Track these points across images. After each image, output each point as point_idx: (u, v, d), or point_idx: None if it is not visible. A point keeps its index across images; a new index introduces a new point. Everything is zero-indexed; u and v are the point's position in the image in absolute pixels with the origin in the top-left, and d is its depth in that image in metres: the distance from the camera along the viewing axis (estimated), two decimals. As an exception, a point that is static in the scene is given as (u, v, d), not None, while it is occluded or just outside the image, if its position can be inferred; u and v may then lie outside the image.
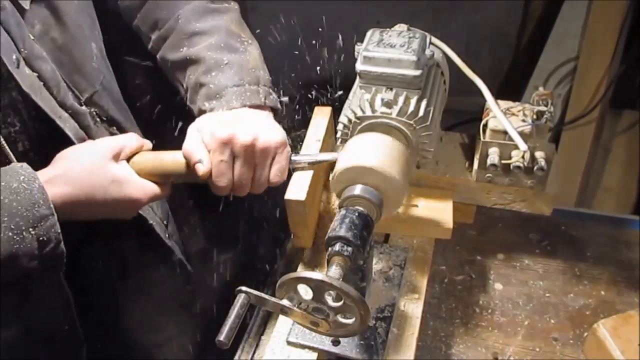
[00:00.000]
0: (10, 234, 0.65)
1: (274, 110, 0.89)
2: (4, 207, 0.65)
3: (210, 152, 0.80)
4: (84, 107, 0.84)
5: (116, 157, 0.79)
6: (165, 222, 1.03)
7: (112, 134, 0.90)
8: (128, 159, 0.81)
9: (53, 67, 0.78)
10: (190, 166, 0.80)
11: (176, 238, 1.08)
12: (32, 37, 0.75)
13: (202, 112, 0.86)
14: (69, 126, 0.79)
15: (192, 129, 0.83)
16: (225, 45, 0.89)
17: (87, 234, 0.88)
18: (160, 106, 0.97)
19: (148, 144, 0.85)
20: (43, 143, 0.78)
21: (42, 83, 0.76)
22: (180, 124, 0.94)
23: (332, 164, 0.94)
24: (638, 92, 1.79)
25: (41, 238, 0.67)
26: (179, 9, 0.91)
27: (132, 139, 0.83)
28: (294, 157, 0.85)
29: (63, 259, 0.72)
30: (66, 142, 0.79)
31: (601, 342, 0.93)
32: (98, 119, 0.88)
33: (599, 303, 1.07)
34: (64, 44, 0.81)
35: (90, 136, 0.84)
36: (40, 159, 0.76)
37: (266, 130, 0.82)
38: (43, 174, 0.72)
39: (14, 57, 0.71)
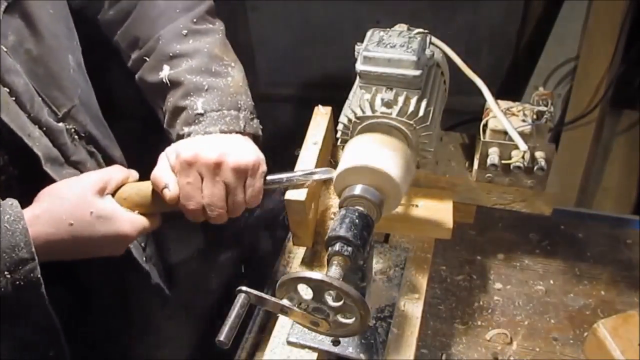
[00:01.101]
0: None
1: (255, 137, 0.86)
2: None
3: (177, 175, 0.77)
4: (60, 124, 0.80)
5: (101, 192, 0.75)
6: (143, 244, 1.00)
7: (89, 152, 0.87)
8: (114, 193, 0.78)
9: (26, 81, 0.74)
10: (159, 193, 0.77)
11: (154, 260, 1.05)
12: (5, 49, 0.72)
13: (179, 137, 0.82)
14: (38, 145, 0.75)
15: (161, 156, 0.80)
16: (206, 69, 0.85)
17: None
18: (141, 122, 0.95)
19: (134, 174, 0.83)
20: (12, 160, 0.74)
21: (13, 98, 0.72)
22: (162, 140, 0.90)
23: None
24: (638, 92, 1.79)
25: (17, 282, 0.65)
26: (160, 29, 0.87)
27: (117, 172, 0.80)
28: (269, 177, 0.82)
29: (44, 301, 0.70)
30: (36, 160, 0.75)
31: (601, 342, 0.93)
32: (76, 136, 0.84)
33: (599, 303, 1.07)
34: (40, 56, 0.77)
35: (65, 154, 0.81)
36: (8, 175, 0.74)
37: (236, 150, 0.78)
38: (26, 213, 0.68)
39: None
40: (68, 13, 0.86)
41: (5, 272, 0.64)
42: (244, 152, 0.79)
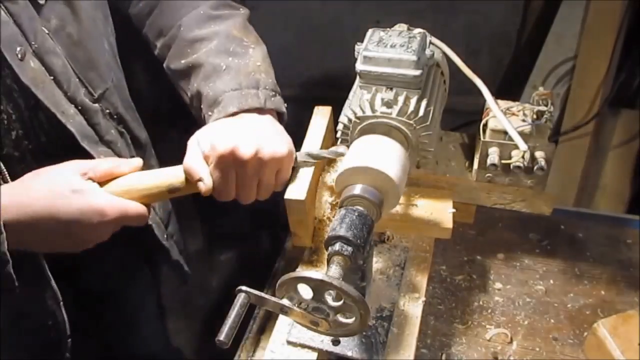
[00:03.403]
0: None
1: (279, 114, 0.87)
2: None
3: (210, 167, 0.77)
4: (95, 105, 0.84)
5: (83, 176, 0.74)
6: (165, 222, 1.02)
7: (119, 132, 0.90)
8: (102, 183, 0.76)
9: (65, 62, 0.78)
10: (191, 182, 0.77)
11: (176, 238, 1.08)
12: (47, 32, 0.76)
13: (204, 120, 0.85)
14: (72, 122, 0.79)
15: (192, 142, 0.80)
16: (224, 50, 0.86)
17: None
18: (168, 108, 0.97)
19: (133, 162, 0.79)
20: (42, 134, 0.78)
21: (51, 77, 0.76)
22: (188, 126, 0.91)
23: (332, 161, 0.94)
24: (637, 92, 1.79)
25: None
26: (182, 17, 0.90)
27: (106, 161, 0.78)
28: (298, 157, 0.85)
29: (12, 280, 0.69)
30: (70, 136, 0.79)
31: (601, 342, 0.93)
32: (108, 117, 0.88)
33: (599, 303, 1.07)
34: (80, 40, 0.81)
35: (99, 133, 0.84)
36: (37, 149, 0.78)
37: (270, 140, 0.79)
38: (5, 195, 0.68)
39: (18, 49, 0.71)
40: (105, 0, 0.90)
41: None
42: (278, 143, 0.80)
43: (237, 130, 0.78)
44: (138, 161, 0.80)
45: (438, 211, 0.91)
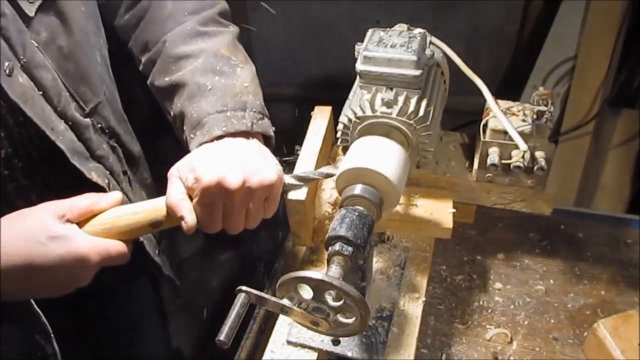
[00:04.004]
0: None
1: (265, 138, 0.83)
2: None
3: (194, 201, 0.72)
4: (86, 119, 0.81)
5: (61, 218, 0.68)
6: (157, 237, 0.98)
7: (111, 146, 0.87)
8: (81, 222, 0.71)
9: (55, 76, 0.75)
10: (173, 218, 0.72)
11: (169, 253, 1.04)
12: (37, 45, 0.73)
13: (186, 142, 0.81)
14: (62, 139, 0.75)
15: (172, 175, 0.75)
16: (211, 68, 0.82)
17: None
18: (162, 119, 0.94)
19: (112, 197, 0.74)
20: (33, 152, 0.75)
21: (41, 92, 0.72)
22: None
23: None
24: (637, 92, 1.79)
25: None
26: (167, 32, 0.86)
27: (83, 198, 0.72)
28: (287, 181, 0.79)
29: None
30: (60, 153, 0.75)
31: (601, 342, 0.93)
32: (100, 131, 0.84)
33: (599, 303, 1.07)
34: (71, 53, 0.78)
35: (90, 149, 0.81)
36: (27, 166, 0.75)
37: (258, 167, 0.74)
38: None
39: (7, 64, 0.68)
40: (97, 10, 0.86)
41: None
42: (266, 169, 0.75)
43: (222, 159, 0.74)
44: (117, 195, 0.75)
45: (438, 211, 0.91)
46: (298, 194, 0.83)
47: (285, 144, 0.92)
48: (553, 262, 1.15)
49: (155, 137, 1.12)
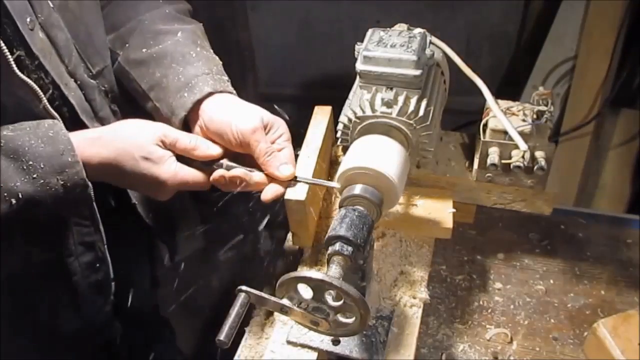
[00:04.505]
0: (35, 176, 0.70)
1: None
2: (32, 150, 0.70)
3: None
4: (93, 81, 0.87)
5: (162, 143, 0.78)
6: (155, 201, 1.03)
7: (112, 110, 0.92)
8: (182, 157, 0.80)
9: (68, 37, 0.81)
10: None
11: (162, 218, 1.07)
12: (52, 6, 0.79)
13: (170, 107, 0.85)
14: (73, 95, 0.82)
15: (256, 130, 0.80)
16: (192, 41, 0.90)
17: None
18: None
19: (213, 150, 0.81)
20: (57, 108, 0.80)
21: (55, 51, 0.79)
22: None
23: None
24: (637, 91, 1.79)
25: (67, 184, 0.71)
26: (144, 13, 0.93)
27: (190, 138, 0.80)
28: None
29: (92, 199, 0.76)
30: (71, 109, 0.81)
31: (601, 342, 0.93)
32: (104, 94, 0.90)
33: (599, 302, 1.07)
34: (81, 17, 0.84)
35: (95, 109, 0.87)
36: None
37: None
38: (95, 131, 0.79)
39: (29, 19, 0.74)
40: None
41: (56, 175, 0.70)
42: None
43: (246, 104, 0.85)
44: (217, 150, 0.81)
45: (438, 211, 0.91)
46: (298, 194, 0.83)
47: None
48: (553, 262, 1.15)
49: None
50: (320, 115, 0.98)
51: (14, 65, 0.71)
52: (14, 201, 0.69)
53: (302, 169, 0.87)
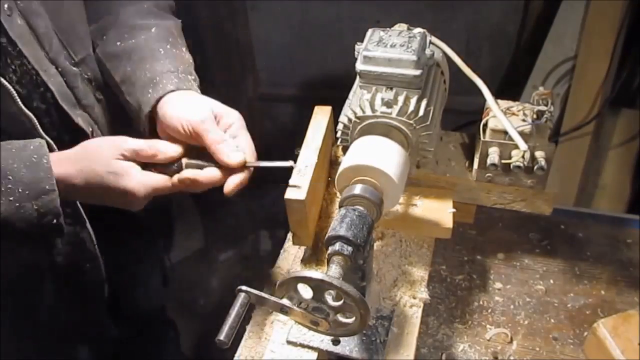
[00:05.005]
0: (12, 198, 0.71)
1: None
2: (13, 174, 0.71)
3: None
4: (75, 69, 0.88)
5: (124, 156, 0.78)
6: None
7: (97, 98, 0.93)
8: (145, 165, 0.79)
9: (48, 25, 0.82)
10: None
11: (158, 214, 1.09)
12: None
13: (138, 102, 0.86)
14: (53, 81, 0.82)
15: (206, 120, 0.80)
16: (163, 38, 0.91)
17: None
18: None
19: (172, 151, 0.81)
20: (29, 92, 0.81)
21: (34, 37, 0.80)
22: None
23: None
24: (637, 91, 1.79)
25: (41, 210, 0.73)
26: (122, 7, 0.94)
27: (150, 147, 0.80)
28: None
29: (62, 230, 0.77)
30: (51, 95, 0.82)
31: (601, 342, 0.93)
32: (87, 82, 0.91)
33: (599, 302, 1.07)
34: (62, 4, 0.86)
35: (77, 96, 0.88)
36: (37, 112, 0.81)
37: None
38: (64, 153, 0.79)
39: (6, 6, 0.75)
40: None
41: (32, 201, 0.72)
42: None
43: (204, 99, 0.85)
44: (177, 150, 0.81)
45: (438, 211, 0.91)
46: (298, 194, 0.83)
47: (285, 144, 0.92)
48: (553, 262, 1.15)
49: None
50: (320, 115, 0.98)
51: None
52: None
53: (301, 169, 0.87)
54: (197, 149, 0.81)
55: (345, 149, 0.81)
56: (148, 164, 0.80)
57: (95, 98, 0.93)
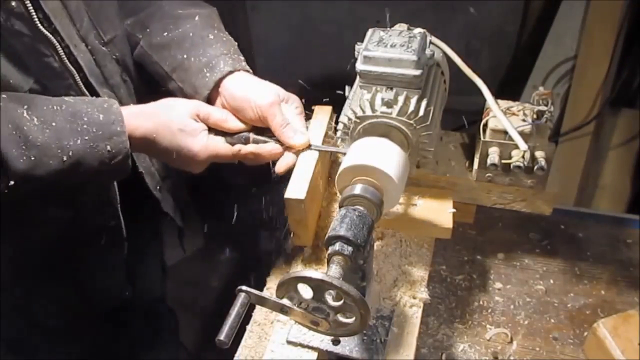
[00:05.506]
0: (87, 138, 0.76)
1: None
2: (88, 116, 0.77)
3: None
4: (104, 48, 0.92)
5: (196, 117, 0.85)
6: (162, 175, 1.08)
7: (123, 79, 0.97)
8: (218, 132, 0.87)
9: (80, 4, 0.87)
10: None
11: (172, 192, 1.13)
12: None
13: (193, 87, 0.91)
14: (82, 57, 0.87)
15: (273, 104, 0.86)
16: (209, 24, 0.96)
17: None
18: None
19: (238, 124, 0.87)
20: (60, 63, 0.84)
21: (66, 13, 0.84)
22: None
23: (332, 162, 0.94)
24: (637, 91, 1.79)
25: (113, 150, 0.78)
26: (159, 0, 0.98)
27: (221, 112, 0.87)
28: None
29: (129, 169, 0.82)
30: (80, 70, 0.86)
31: (601, 342, 0.93)
32: (115, 62, 0.94)
33: (599, 302, 1.07)
34: None
35: (104, 75, 0.92)
36: (67, 84, 0.85)
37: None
38: (138, 107, 0.85)
39: None
40: None
41: (105, 140, 0.78)
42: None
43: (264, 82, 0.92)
44: (241, 125, 0.88)
45: (438, 211, 0.91)
46: (297, 193, 0.83)
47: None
48: (553, 262, 1.15)
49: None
50: (321, 115, 0.98)
51: (37, 21, 0.77)
52: (65, 158, 0.75)
53: (301, 169, 0.87)
54: (257, 129, 0.88)
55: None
56: (217, 131, 0.87)
57: (121, 79, 0.97)
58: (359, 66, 0.77)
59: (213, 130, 0.87)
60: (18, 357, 1.06)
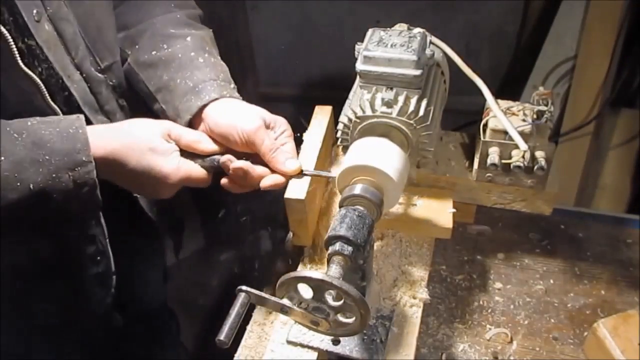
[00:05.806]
0: (50, 169, 0.71)
1: None
2: (50, 144, 0.71)
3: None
4: (101, 75, 0.89)
5: (168, 137, 0.80)
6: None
7: (120, 105, 0.94)
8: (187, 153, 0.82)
9: (76, 31, 0.83)
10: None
11: (166, 213, 1.10)
12: (64, 0, 0.81)
13: (176, 110, 0.87)
14: (76, 87, 0.83)
15: (259, 129, 0.82)
16: (200, 47, 0.92)
17: None
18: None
19: (212, 146, 0.84)
20: (53, 94, 0.81)
21: (62, 43, 0.81)
22: None
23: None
24: (637, 91, 1.79)
25: (78, 181, 0.72)
26: (156, 16, 0.95)
27: (193, 133, 0.83)
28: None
29: (99, 204, 0.77)
30: (74, 100, 0.83)
31: (601, 342, 0.93)
32: (111, 89, 0.91)
33: (599, 302, 1.07)
34: (92, 11, 0.87)
35: (99, 102, 0.88)
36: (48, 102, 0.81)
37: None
38: (103, 125, 0.81)
39: (35, 11, 0.76)
40: None
41: (68, 171, 0.72)
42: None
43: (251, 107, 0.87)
44: (214, 147, 0.84)
45: (438, 211, 0.91)
46: (298, 193, 0.83)
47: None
48: (553, 262, 1.15)
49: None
50: (320, 115, 0.98)
51: (17, 57, 0.73)
52: (25, 191, 0.70)
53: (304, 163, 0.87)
54: (240, 155, 0.84)
55: (345, 149, 0.81)
56: (187, 154, 0.82)
57: (118, 104, 0.93)
58: (359, 66, 0.77)
59: (184, 152, 0.82)
60: (18, 358, 1.06)
